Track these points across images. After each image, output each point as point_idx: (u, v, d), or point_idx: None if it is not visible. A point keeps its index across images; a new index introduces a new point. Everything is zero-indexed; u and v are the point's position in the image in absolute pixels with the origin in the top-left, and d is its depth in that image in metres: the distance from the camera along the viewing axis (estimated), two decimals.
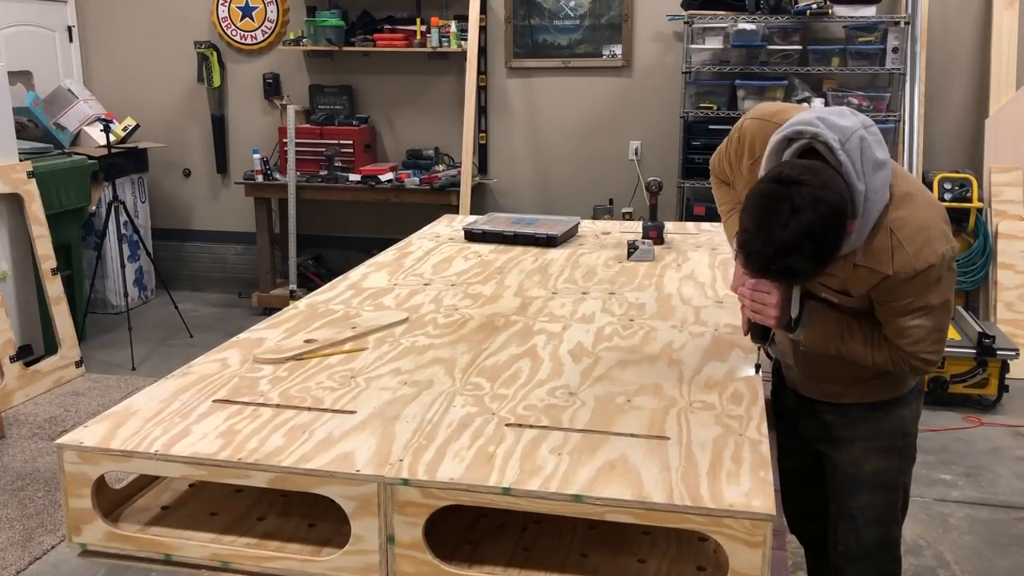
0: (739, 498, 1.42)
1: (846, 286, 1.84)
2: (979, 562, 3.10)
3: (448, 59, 5.75)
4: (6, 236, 4.65)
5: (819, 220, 1.61)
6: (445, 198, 5.44)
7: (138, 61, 6.27)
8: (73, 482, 1.63)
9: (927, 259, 1.74)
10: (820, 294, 1.89)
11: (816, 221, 1.61)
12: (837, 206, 1.64)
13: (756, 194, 1.69)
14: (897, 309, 1.81)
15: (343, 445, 1.61)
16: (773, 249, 1.64)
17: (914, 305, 1.79)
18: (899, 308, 1.81)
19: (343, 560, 1.54)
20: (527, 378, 1.93)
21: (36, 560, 3.13)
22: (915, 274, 1.75)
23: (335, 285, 2.66)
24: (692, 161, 5.18)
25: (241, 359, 2.04)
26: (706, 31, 5.15)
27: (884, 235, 1.76)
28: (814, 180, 1.64)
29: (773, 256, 1.65)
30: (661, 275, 2.76)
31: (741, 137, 2.04)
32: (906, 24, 4.94)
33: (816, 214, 1.61)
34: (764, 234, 1.64)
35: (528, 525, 1.68)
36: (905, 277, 1.75)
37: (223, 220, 6.39)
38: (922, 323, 1.81)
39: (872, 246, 1.77)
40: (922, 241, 1.75)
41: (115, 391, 4.59)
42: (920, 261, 1.74)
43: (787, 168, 1.69)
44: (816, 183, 1.63)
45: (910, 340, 1.83)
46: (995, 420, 4.20)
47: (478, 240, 3.18)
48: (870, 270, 1.78)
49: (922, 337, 1.82)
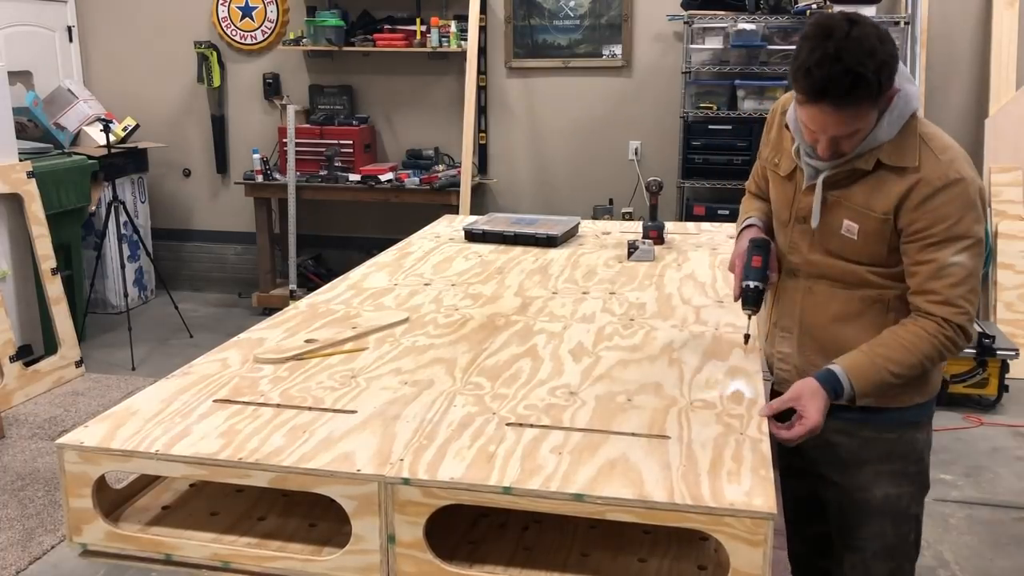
0: (740, 497, 1.42)
1: (869, 200, 1.78)
2: (979, 562, 3.10)
3: (448, 59, 5.75)
4: (6, 236, 4.65)
5: (877, 36, 1.64)
6: (445, 198, 5.44)
7: (138, 61, 6.27)
8: (73, 482, 1.63)
9: (958, 170, 1.72)
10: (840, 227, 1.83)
11: (875, 36, 1.64)
12: (892, 42, 1.67)
13: (814, 22, 1.70)
14: (937, 238, 1.72)
15: (344, 445, 1.61)
16: (835, 52, 1.63)
17: (956, 231, 1.71)
18: (939, 236, 1.72)
19: (344, 560, 1.54)
20: (527, 378, 1.93)
21: (36, 560, 3.13)
22: (948, 183, 1.71)
23: (335, 285, 2.66)
24: (692, 161, 5.17)
25: (241, 359, 2.04)
26: (706, 31, 5.15)
27: (912, 138, 1.76)
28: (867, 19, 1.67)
29: (835, 59, 1.63)
30: (661, 275, 2.76)
31: (773, 109, 2.05)
32: (906, 24, 4.94)
33: (875, 30, 1.65)
34: (824, 46, 1.64)
35: (529, 524, 1.68)
36: (939, 184, 1.71)
37: (223, 220, 6.39)
38: (963, 260, 1.72)
39: (899, 145, 1.76)
40: (952, 155, 1.74)
41: (115, 391, 4.59)
42: (952, 171, 1.72)
43: None
44: (870, 21, 1.67)
45: (951, 281, 1.72)
46: (995, 420, 4.20)
47: (478, 240, 3.18)
48: (895, 171, 1.75)
49: (963, 278, 1.73)
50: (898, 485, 1.94)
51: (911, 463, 1.95)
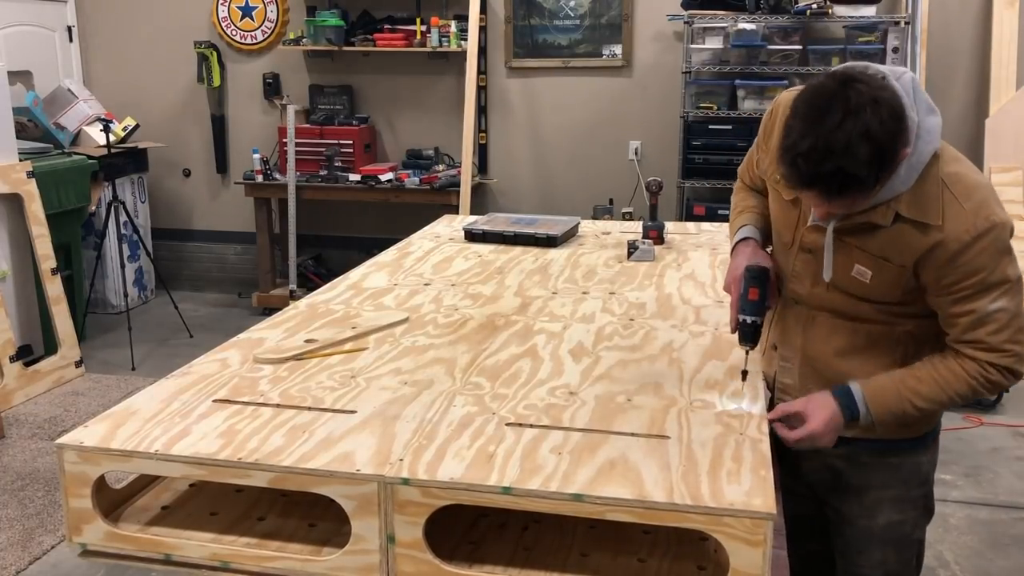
0: (740, 497, 1.42)
1: (886, 250, 1.63)
2: (979, 562, 3.09)
3: (448, 59, 5.75)
4: (6, 236, 4.65)
5: (877, 122, 1.44)
6: (445, 198, 5.44)
7: (138, 61, 6.27)
8: (73, 482, 1.62)
9: (988, 217, 1.55)
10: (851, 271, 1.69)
11: (874, 122, 1.44)
12: (896, 111, 1.47)
13: (807, 91, 1.52)
14: (972, 291, 1.58)
15: (343, 445, 1.61)
16: (824, 147, 1.45)
17: (992, 279, 1.56)
18: (974, 288, 1.57)
19: (343, 560, 1.54)
20: (527, 378, 1.93)
21: (36, 560, 3.13)
22: (979, 235, 1.55)
23: (335, 285, 2.66)
24: (692, 161, 5.18)
25: (241, 359, 2.04)
26: (706, 31, 5.15)
27: (934, 185, 1.59)
28: (872, 81, 1.48)
29: (823, 157, 1.46)
30: (661, 275, 2.76)
31: (774, 110, 1.86)
32: (906, 24, 4.94)
33: (874, 115, 1.44)
34: (814, 132, 1.46)
35: (529, 524, 1.67)
36: (968, 239, 1.55)
37: (223, 220, 6.39)
38: (1004, 305, 1.57)
39: (919, 195, 1.58)
40: (980, 199, 1.57)
41: (115, 391, 4.59)
42: (981, 219, 1.55)
43: (842, 68, 1.52)
44: (875, 84, 1.47)
45: (995, 327, 1.58)
46: (995, 420, 4.20)
47: (478, 240, 3.18)
48: (916, 225, 1.58)
49: (1008, 322, 1.58)
50: (901, 511, 1.88)
51: (915, 487, 1.88)
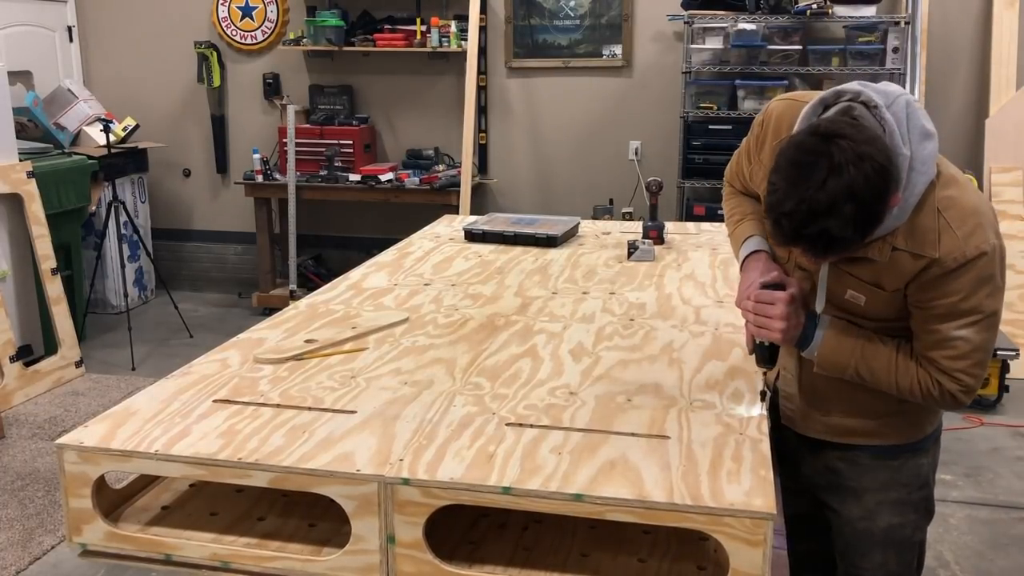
0: (740, 497, 1.42)
1: (880, 278, 1.62)
2: (979, 562, 3.10)
3: (448, 59, 5.75)
4: (6, 236, 4.65)
5: (861, 179, 1.41)
6: (445, 198, 5.44)
7: (138, 61, 6.27)
8: (73, 482, 1.62)
9: (978, 245, 1.53)
10: (845, 293, 1.68)
11: (858, 180, 1.41)
12: (883, 165, 1.43)
13: (790, 147, 1.49)
14: (941, 311, 1.57)
15: (343, 445, 1.61)
16: (807, 209, 1.43)
17: (963, 306, 1.56)
18: (944, 310, 1.57)
19: (343, 560, 1.54)
20: (527, 378, 1.93)
21: (36, 560, 3.13)
22: (965, 262, 1.53)
23: (335, 285, 2.66)
24: (692, 161, 5.18)
25: (241, 359, 2.04)
26: (706, 31, 5.15)
27: (930, 215, 1.55)
28: (857, 135, 1.44)
29: (807, 218, 1.43)
30: (661, 275, 2.76)
31: (765, 120, 1.81)
32: (906, 24, 4.94)
33: (859, 172, 1.41)
34: (797, 193, 1.44)
35: (529, 524, 1.67)
36: (953, 265, 1.53)
37: (223, 220, 6.39)
38: (968, 335, 1.57)
39: (916, 227, 1.55)
40: (973, 225, 1.53)
41: (115, 391, 4.59)
42: (970, 247, 1.53)
43: (826, 121, 1.49)
44: (860, 138, 1.44)
45: (951, 353, 1.59)
46: (995, 420, 4.20)
47: (478, 240, 3.18)
48: (912, 255, 1.56)
49: (966, 353, 1.58)
50: (902, 514, 1.86)
51: (915, 489, 1.86)
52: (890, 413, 1.79)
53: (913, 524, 1.88)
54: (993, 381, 4.25)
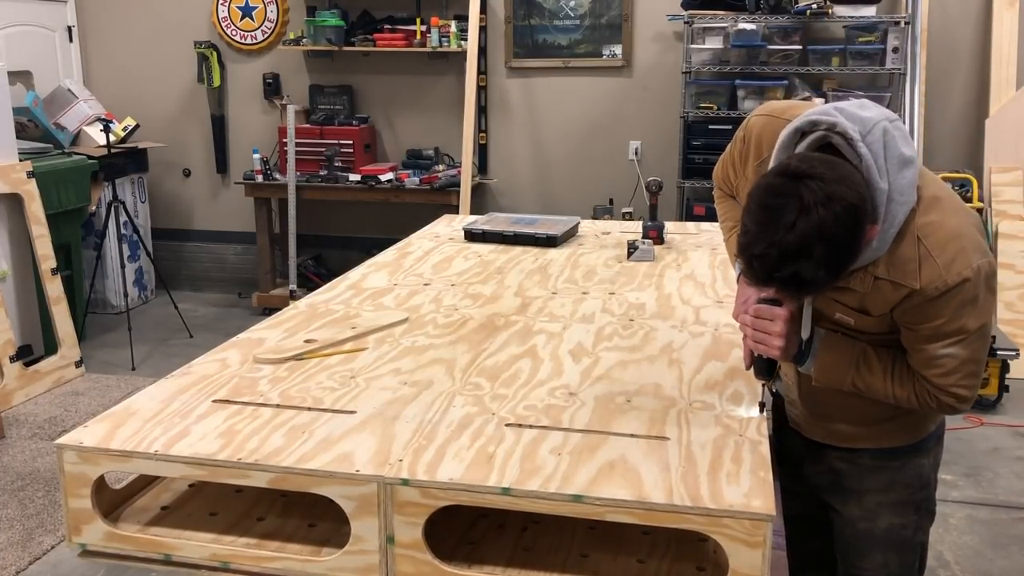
0: (739, 498, 1.42)
1: (865, 304, 1.62)
2: (979, 562, 3.10)
3: (448, 59, 5.75)
4: (6, 236, 4.65)
5: (831, 220, 1.40)
6: (445, 198, 5.44)
7: (138, 61, 6.27)
8: (73, 482, 1.63)
9: (960, 272, 1.52)
10: (834, 316, 1.68)
11: (828, 221, 1.40)
12: (854, 204, 1.42)
13: (760, 190, 1.48)
14: (926, 333, 1.57)
15: (343, 445, 1.61)
16: (778, 253, 1.42)
17: (946, 329, 1.55)
18: (928, 332, 1.57)
19: (343, 560, 1.54)
20: (527, 378, 1.93)
21: (36, 560, 3.13)
22: (946, 290, 1.52)
23: (335, 285, 2.66)
24: (692, 161, 5.18)
25: (241, 359, 2.04)
26: (706, 31, 5.15)
27: (910, 244, 1.54)
28: (828, 174, 1.43)
29: (778, 261, 1.43)
30: (661, 275, 2.76)
31: (746, 136, 1.81)
32: (906, 24, 4.94)
33: (828, 213, 1.40)
34: (767, 235, 1.43)
35: (528, 525, 1.67)
36: (935, 293, 1.53)
37: (223, 220, 6.39)
38: (954, 352, 1.57)
39: (896, 256, 1.55)
40: (954, 251, 1.53)
41: (115, 391, 4.59)
42: (952, 275, 1.52)
43: (796, 160, 1.48)
44: (830, 177, 1.42)
45: (939, 371, 1.59)
46: (995, 420, 4.20)
47: (478, 240, 3.18)
48: (894, 284, 1.56)
49: (953, 368, 1.58)
50: (903, 515, 1.85)
51: (917, 490, 1.85)
52: (891, 419, 1.78)
53: (914, 525, 1.87)
54: (993, 381, 4.25)
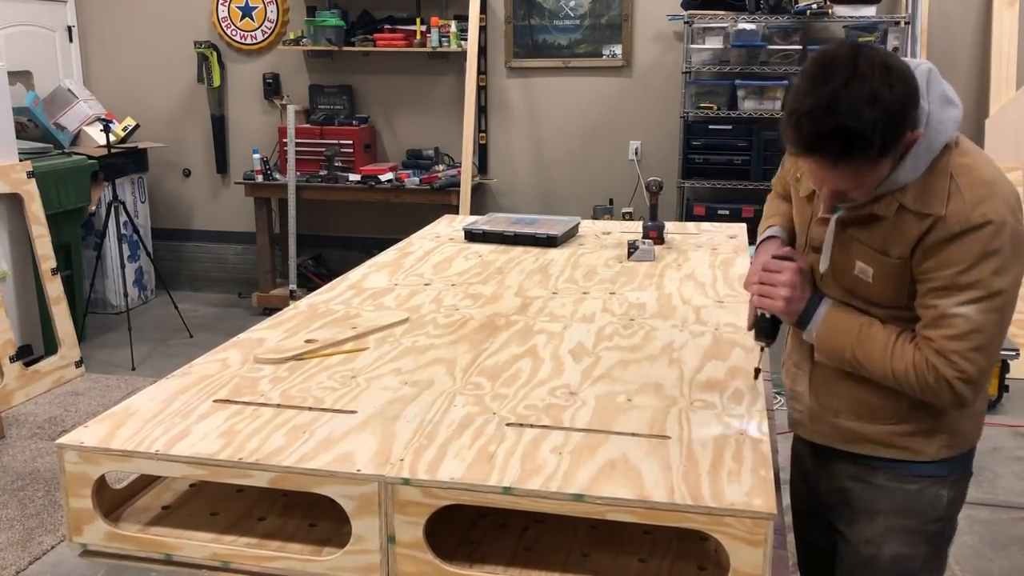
0: (740, 497, 1.42)
1: (886, 242, 1.56)
2: (979, 562, 3.09)
3: (448, 59, 5.75)
4: (6, 236, 4.65)
5: (886, 89, 1.38)
6: (445, 198, 5.44)
7: (138, 61, 6.27)
8: (73, 482, 1.62)
9: (984, 214, 1.45)
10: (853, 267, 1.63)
11: (882, 90, 1.38)
12: (908, 84, 1.41)
13: (817, 54, 1.45)
14: (941, 283, 1.50)
15: (343, 445, 1.61)
16: (828, 105, 1.39)
17: (963, 280, 1.48)
18: (944, 281, 1.50)
19: (344, 560, 1.54)
20: (528, 378, 1.93)
21: (36, 560, 3.13)
22: (969, 228, 1.46)
23: (335, 285, 2.66)
24: (692, 161, 5.18)
25: (241, 359, 2.04)
26: (706, 31, 5.16)
27: (942, 177, 1.51)
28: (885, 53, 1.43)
29: (827, 113, 1.39)
30: (661, 275, 2.76)
31: None
32: (906, 24, 4.94)
33: (883, 83, 1.38)
34: (819, 92, 1.40)
35: (529, 524, 1.67)
36: (957, 229, 1.47)
37: (223, 220, 6.39)
38: (967, 312, 1.48)
39: (926, 186, 1.51)
40: (984, 194, 1.48)
41: (115, 391, 4.59)
42: (976, 214, 1.46)
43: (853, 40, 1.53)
44: (887, 56, 1.42)
45: (949, 332, 1.50)
46: (995, 420, 4.20)
47: (478, 240, 3.18)
48: (917, 215, 1.51)
49: (963, 332, 1.49)
50: (913, 544, 1.73)
51: (931, 521, 1.73)
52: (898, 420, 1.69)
53: (923, 558, 1.75)
54: (993, 381, 4.26)
